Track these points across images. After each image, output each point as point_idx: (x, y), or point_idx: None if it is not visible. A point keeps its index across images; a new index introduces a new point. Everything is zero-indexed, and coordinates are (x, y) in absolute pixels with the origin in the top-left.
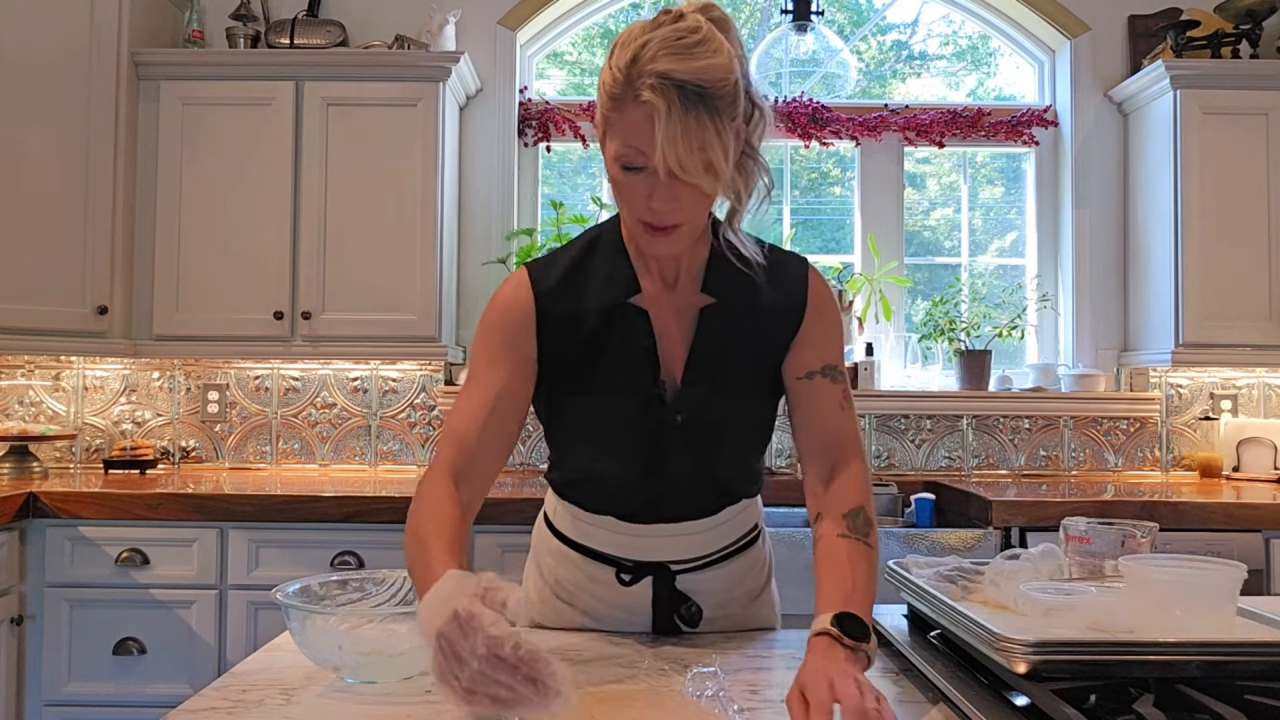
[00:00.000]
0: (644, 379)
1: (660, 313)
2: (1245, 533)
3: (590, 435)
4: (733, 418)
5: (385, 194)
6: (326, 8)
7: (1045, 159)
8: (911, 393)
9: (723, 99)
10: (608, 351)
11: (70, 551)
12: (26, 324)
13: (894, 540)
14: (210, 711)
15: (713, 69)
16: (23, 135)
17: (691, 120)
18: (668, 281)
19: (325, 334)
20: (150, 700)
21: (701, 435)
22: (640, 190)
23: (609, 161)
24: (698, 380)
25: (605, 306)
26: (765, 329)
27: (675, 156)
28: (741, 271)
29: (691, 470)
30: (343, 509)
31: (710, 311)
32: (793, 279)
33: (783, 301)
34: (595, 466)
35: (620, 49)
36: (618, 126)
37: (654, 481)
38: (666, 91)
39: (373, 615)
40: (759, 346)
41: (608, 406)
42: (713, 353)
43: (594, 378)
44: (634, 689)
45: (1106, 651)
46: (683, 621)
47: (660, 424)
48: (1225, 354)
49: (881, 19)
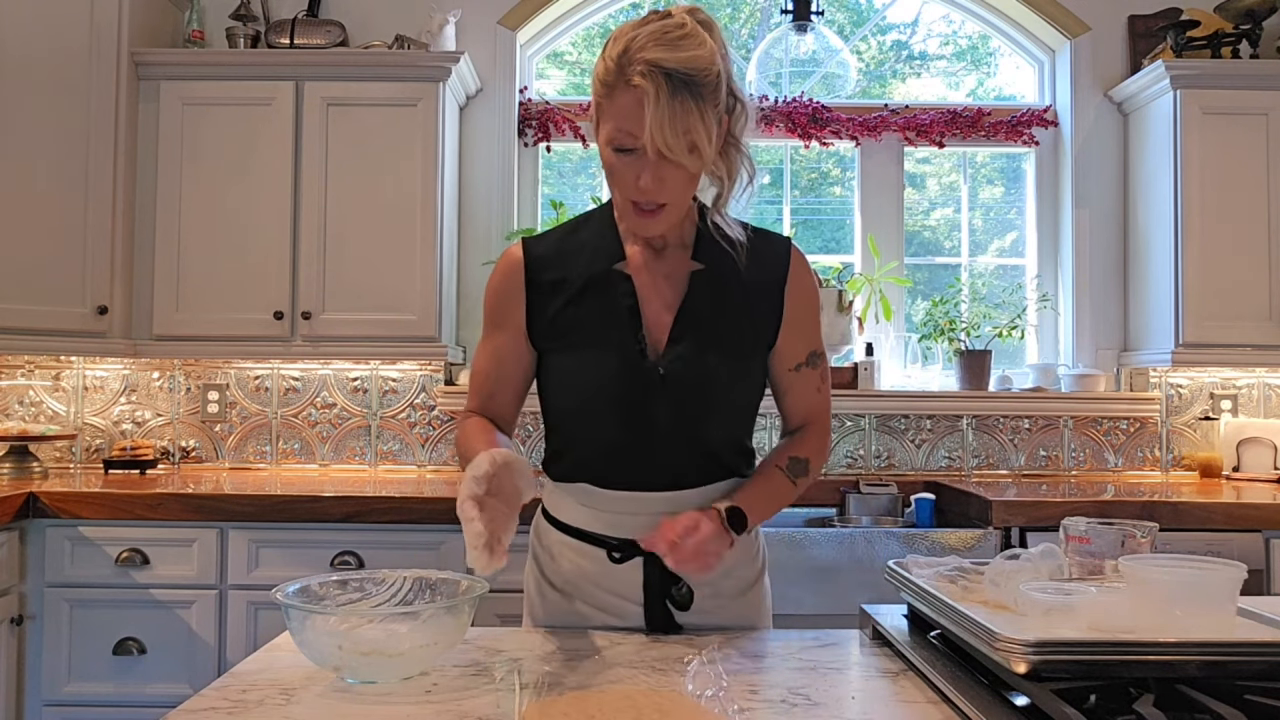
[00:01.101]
0: (625, 335)
1: (647, 278)
2: (1245, 533)
3: (574, 393)
4: (714, 375)
5: (385, 194)
6: (326, 8)
7: (1045, 159)
8: (911, 393)
9: (706, 86)
10: (591, 312)
11: (70, 551)
12: (26, 324)
13: (894, 540)
14: (210, 711)
15: (698, 59)
16: (23, 135)
17: (677, 104)
18: (655, 248)
19: (325, 334)
20: (150, 700)
21: (683, 390)
22: (630, 171)
23: (602, 146)
24: (682, 337)
25: (591, 273)
26: (750, 299)
27: (663, 137)
28: (729, 243)
29: (674, 427)
30: (343, 509)
31: (700, 276)
32: (774, 255)
33: (764, 276)
34: (581, 428)
35: (613, 42)
36: (610, 112)
37: (637, 440)
38: (655, 77)
39: (373, 615)
40: (743, 314)
41: (589, 362)
42: (700, 314)
43: (577, 335)
44: (634, 689)
45: (1106, 651)
46: (674, 605)
47: (642, 378)
48: (1225, 354)
49: (881, 19)
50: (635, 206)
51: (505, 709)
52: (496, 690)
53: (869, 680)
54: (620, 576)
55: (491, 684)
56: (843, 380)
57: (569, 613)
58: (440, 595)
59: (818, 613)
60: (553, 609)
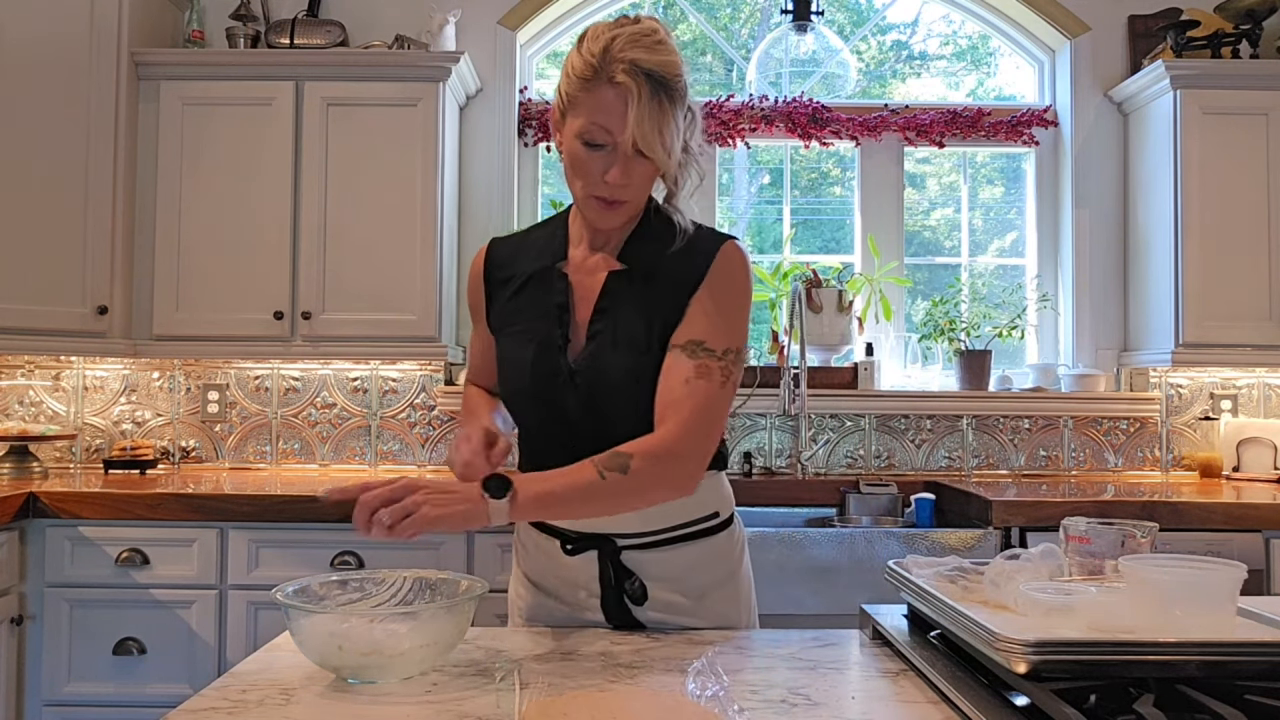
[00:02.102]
0: (551, 331)
1: (581, 279)
2: (1245, 533)
3: (507, 381)
4: (614, 372)
5: (385, 194)
6: (326, 8)
7: (1045, 159)
8: (911, 393)
9: (677, 91)
10: (525, 306)
11: (70, 551)
12: (26, 324)
13: (894, 540)
14: (210, 711)
15: (672, 64)
16: (23, 135)
17: (655, 104)
18: (594, 248)
19: (325, 334)
20: (150, 700)
21: (590, 388)
22: (597, 166)
23: (568, 139)
24: (595, 335)
25: (534, 270)
26: (661, 293)
27: (642, 134)
28: (656, 243)
29: (585, 423)
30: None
31: (617, 276)
32: (702, 253)
33: (684, 272)
34: (516, 414)
35: (590, 40)
36: (585, 106)
37: (554, 433)
38: (637, 77)
39: (373, 615)
40: (653, 311)
41: (517, 351)
42: (611, 312)
43: (513, 326)
44: (635, 689)
45: (1106, 651)
46: (629, 599)
47: (557, 374)
48: (1225, 354)
49: (881, 19)
50: (598, 200)
51: (505, 709)
52: (497, 690)
53: (869, 680)
54: (579, 568)
55: (491, 684)
56: (843, 380)
57: (540, 606)
58: (440, 595)
59: (818, 613)
60: (528, 602)
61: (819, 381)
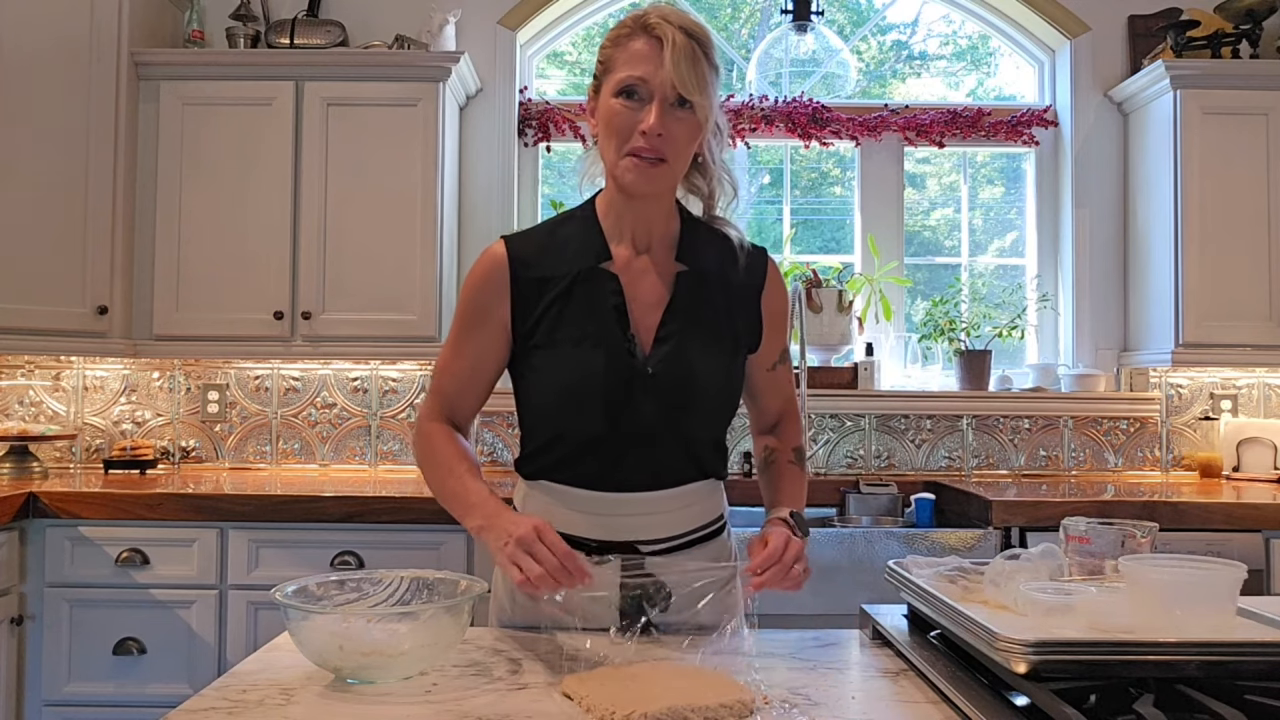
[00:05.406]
0: (613, 332)
1: (632, 278)
2: (1245, 533)
3: (558, 390)
4: (702, 373)
5: (385, 194)
6: (326, 8)
7: (1045, 159)
8: (911, 393)
9: (711, 58)
10: (577, 310)
11: (70, 551)
12: (26, 324)
13: (894, 540)
14: (210, 711)
15: (707, 31)
16: (23, 135)
17: (691, 52)
18: (639, 249)
19: (325, 334)
20: (150, 700)
21: (671, 388)
22: (634, 120)
23: (605, 101)
24: (670, 336)
25: (576, 271)
26: (731, 301)
27: (680, 76)
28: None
29: (660, 425)
30: (342, 509)
31: (685, 276)
32: (754, 261)
33: (746, 280)
34: (564, 425)
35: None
36: (620, 60)
37: (622, 437)
38: (673, 28)
39: (372, 615)
40: (727, 316)
41: (576, 359)
42: (687, 312)
43: (563, 333)
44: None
45: (1106, 651)
46: (650, 604)
47: (630, 375)
48: (1225, 354)
49: (881, 19)
50: (636, 159)
51: (506, 708)
52: (497, 690)
53: (869, 680)
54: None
55: (491, 684)
56: (843, 380)
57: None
58: (438, 595)
59: (818, 613)
60: (522, 611)
61: (819, 381)
